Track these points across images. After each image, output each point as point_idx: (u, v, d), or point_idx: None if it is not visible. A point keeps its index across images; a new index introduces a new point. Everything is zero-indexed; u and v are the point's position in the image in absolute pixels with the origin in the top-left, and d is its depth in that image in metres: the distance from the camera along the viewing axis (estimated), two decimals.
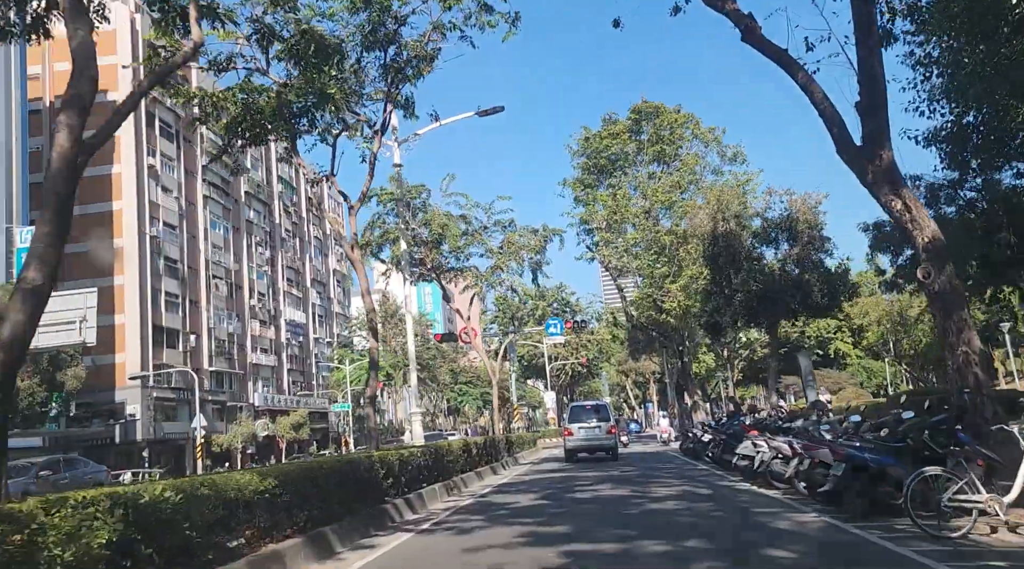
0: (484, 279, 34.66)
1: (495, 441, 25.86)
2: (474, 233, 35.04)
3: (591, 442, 30.13)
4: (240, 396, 69.42)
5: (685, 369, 43.71)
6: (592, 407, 31.29)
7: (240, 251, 72.18)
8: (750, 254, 27.12)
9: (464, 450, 20.00)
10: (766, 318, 26.07)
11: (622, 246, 39.51)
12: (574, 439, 30.16)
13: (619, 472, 21.28)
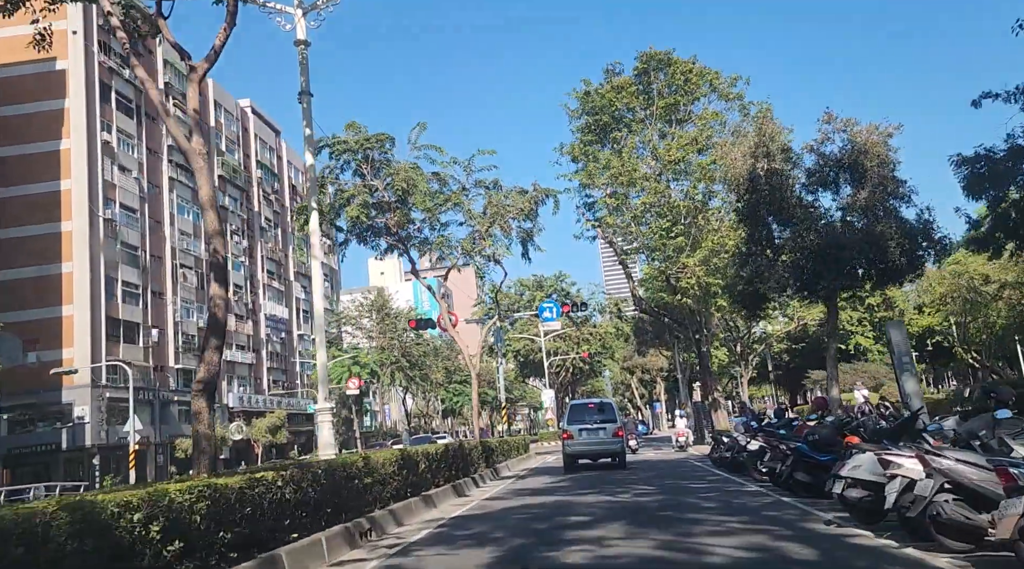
0: (462, 249, 27.78)
1: (464, 450, 18.98)
2: (450, 196, 28.22)
3: (594, 447, 23.68)
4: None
5: (703, 361, 36.82)
6: (596, 406, 24.63)
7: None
8: (801, 201, 20.23)
9: (403, 466, 13.15)
10: (825, 284, 19.17)
11: (629, 214, 32.70)
12: (574, 443, 23.60)
13: (632, 496, 14.40)
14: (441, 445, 16.84)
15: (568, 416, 24.33)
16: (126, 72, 55.56)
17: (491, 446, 23.43)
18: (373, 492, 11.56)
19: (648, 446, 40.52)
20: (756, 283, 20.75)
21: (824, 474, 11.93)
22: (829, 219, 20.02)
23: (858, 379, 51.56)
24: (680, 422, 33.25)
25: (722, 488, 15.03)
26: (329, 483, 9.77)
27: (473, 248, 27.51)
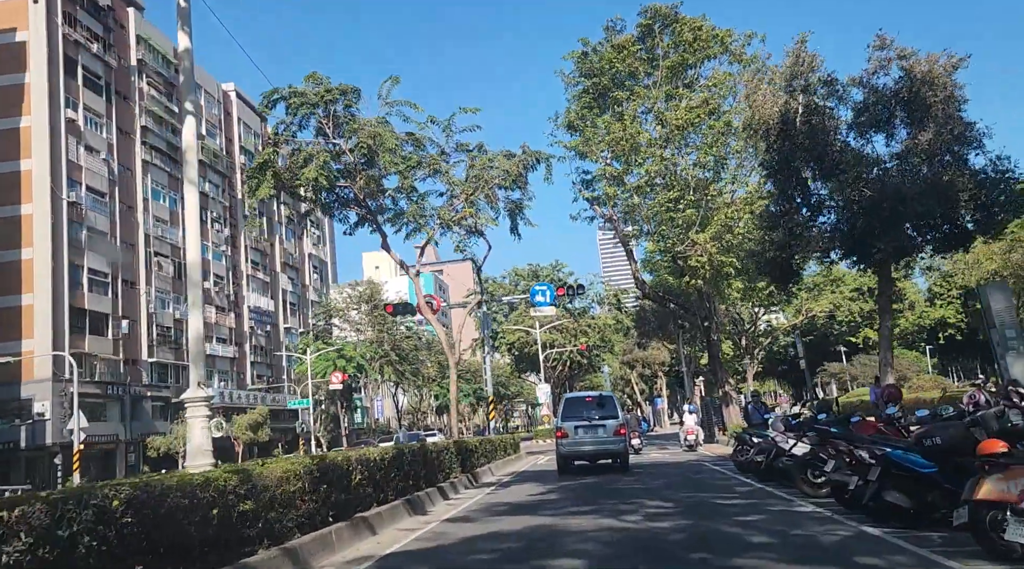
0: (439, 219, 23.76)
1: (427, 454, 14.99)
2: (427, 160, 24.22)
3: (592, 446, 19.95)
4: None
5: (713, 350, 32.82)
6: (595, 400, 20.73)
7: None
8: (848, 146, 16.23)
9: (320, 480, 9.17)
10: (880, 247, 15.17)
11: (631, 185, 28.69)
12: (569, 442, 19.86)
13: (644, 519, 10.38)
14: (388, 449, 12.82)
15: (563, 412, 20.38)
16: (94, 46, 51.51)
17: (469, 447, 19.43)
18: (259, 524, 7.56)
19: (651, 444, 36.53)
20: (790, 248, 16.77)
21: (930, 494, 7.98)
22: (882, 167, 15.99)
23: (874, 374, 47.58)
24: (689, 418, 29.25)
25: (765, 507, 11.03)
26: (152, 518, 5.78)
27: (452, 218, 23.49)
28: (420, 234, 24.45)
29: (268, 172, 22.47)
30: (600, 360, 70.05)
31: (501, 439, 26.08)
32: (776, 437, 13.37)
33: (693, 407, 30.27)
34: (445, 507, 13.97)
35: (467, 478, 18.52)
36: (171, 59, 60.87)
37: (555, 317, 57.24)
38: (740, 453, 16.61)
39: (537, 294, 30.15)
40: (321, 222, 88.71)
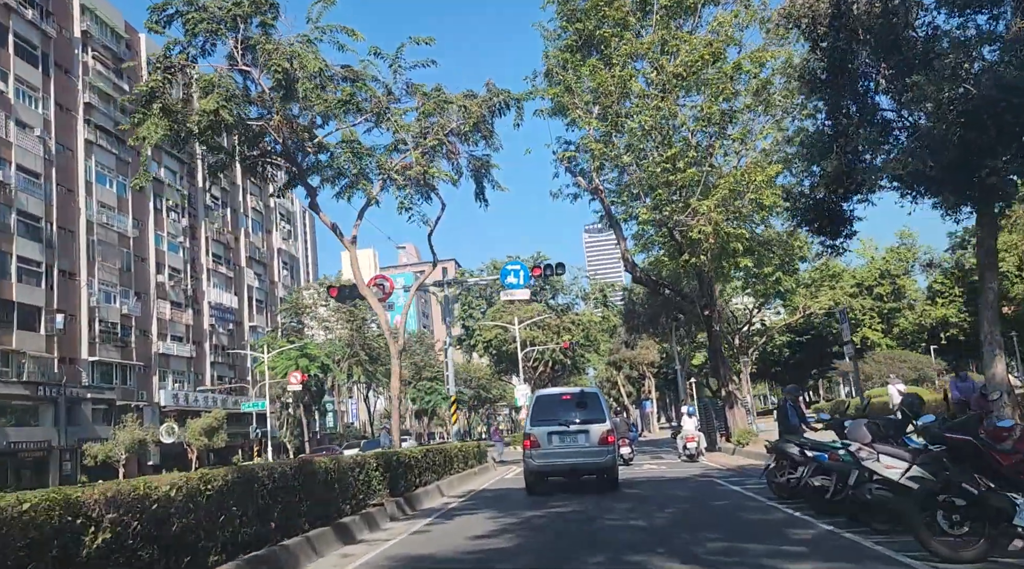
0: (380, 170, 18.52)
1: (314, 471, 9.66)
2: (372, 100, 19.01)
3: (571, 459, 14.79)
4: (139, 394, 52.99)
5: (715, 343, 27.71)
6: (574, 399, 15.47)
7: (144, 215, 55.85)
8: (936, 30, 11.16)
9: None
10: (990, 165, 10.13)
11: (622, 141, 23.54)
12: (542, 454, 14.79)
13: None
14: (225, 473, 7.54)
15: (533, 413, 15.20)
16: (29, 12, 46.01)
17: (403, 461, 14.16)
18: None
19: (642, 451, 31.39)
20: (846, 182, 11.71)
21: None
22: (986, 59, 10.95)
23: (891, 372, 42.62)
24: (688, 423, 24.10)
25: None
26: None
27: (394, 168, 18.27)
28: (360, 196, 19.28)
29: (156, 105, 17.24)
30: (585, 361, 64.87)
31: (462, 448, 20.82)
32: (861, 452, 8.23)
33: (692, 409, 25.12)
34: (333, 561, 8.73)
35: (400, 503, 13.29)
36: (121, 33, 55.43)
37: (537, 314, 52.06)
38: (779, 471, 11.48)
39: (509, 275, 24.98)
40: (293, 216, 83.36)
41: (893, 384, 33.42)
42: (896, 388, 32.29)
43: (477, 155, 21.91)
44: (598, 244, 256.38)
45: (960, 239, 71.59)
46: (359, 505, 11.49)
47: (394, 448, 16.19)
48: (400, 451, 14.61)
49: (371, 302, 19.05)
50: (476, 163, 21.80)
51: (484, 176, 22.40)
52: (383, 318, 19.19)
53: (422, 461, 15.76)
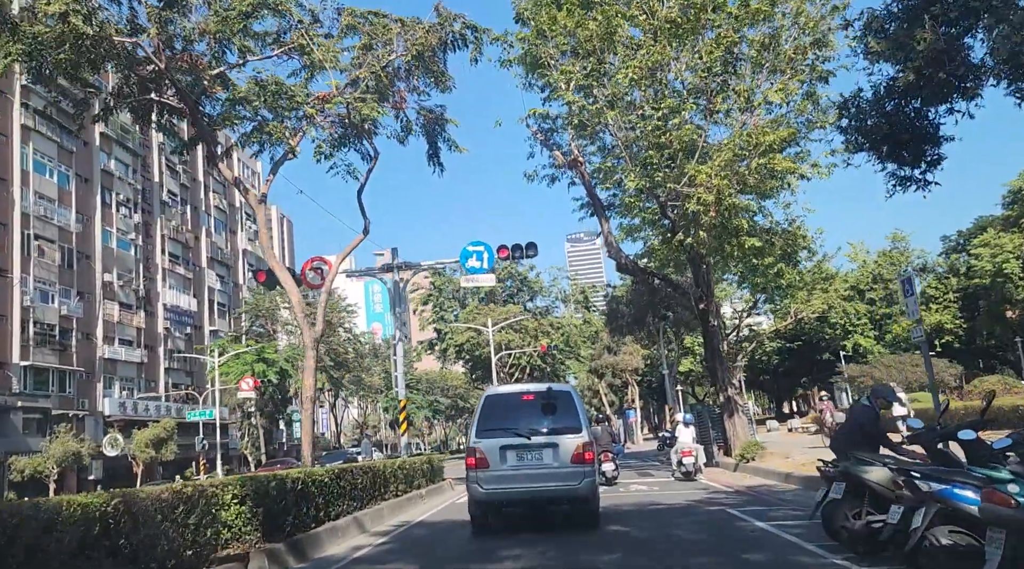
0: (295, 107, 14.26)
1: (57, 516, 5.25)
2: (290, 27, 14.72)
3: (534, 485, 10.32)
4: (79, 402, 48.03)
5: (712, 341, 23.45)
6: (537, 400, 11.00)
7: (90, 210, 51.06)
8: None
9: None
10: None
11: (606, 94, 19.29)
12: (492, 477, 10.34)
13: None
14: None
15: (480, 420, 10.82)
16: None
17: (290, 487, 9.71)
18: None
19: (627, 466, 26.99)
20: (947, 65, 7.55)
21: None
22: None
23: (891, 381, 38.56)
24: (685, 433, 19.79)
25: None
26: None
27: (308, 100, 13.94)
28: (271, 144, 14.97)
29: None
30: (565, 368, 60.52)
31: (402, 465, 16.40)
32: None
33: (689, 417, 20.79)
34: None
35: (278, 552, 8.87)
36: None
37: (513, 316, 47.71)
38: (850, 508, 7.22)
39: (471, 257, 20.66)
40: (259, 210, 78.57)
41: (896, 391, 29.35)
42: (898, 398, 28.13)
43: (429, 107, 17.70)
44: (581, 253, 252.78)
45: (954, 242, 68.39)
46: (203, 565, 7.10)
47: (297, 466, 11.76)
48: (291, 473, 10.19)
49: (280, 277, 14.69)
50: (428, 116, 17.57)
51: (438, 134, 18.21)
52: (295, 299, 14.82)
53: (331, 485, 11.35)
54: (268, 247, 14.59)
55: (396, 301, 20.98)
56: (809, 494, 13.87)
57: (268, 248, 14.61)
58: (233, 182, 15.01)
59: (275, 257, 14.76)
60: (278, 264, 14.68)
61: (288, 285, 14.53)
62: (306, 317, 14.42)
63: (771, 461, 19.97)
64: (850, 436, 8.20)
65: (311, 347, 13.72)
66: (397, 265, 21.01)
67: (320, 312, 15.43)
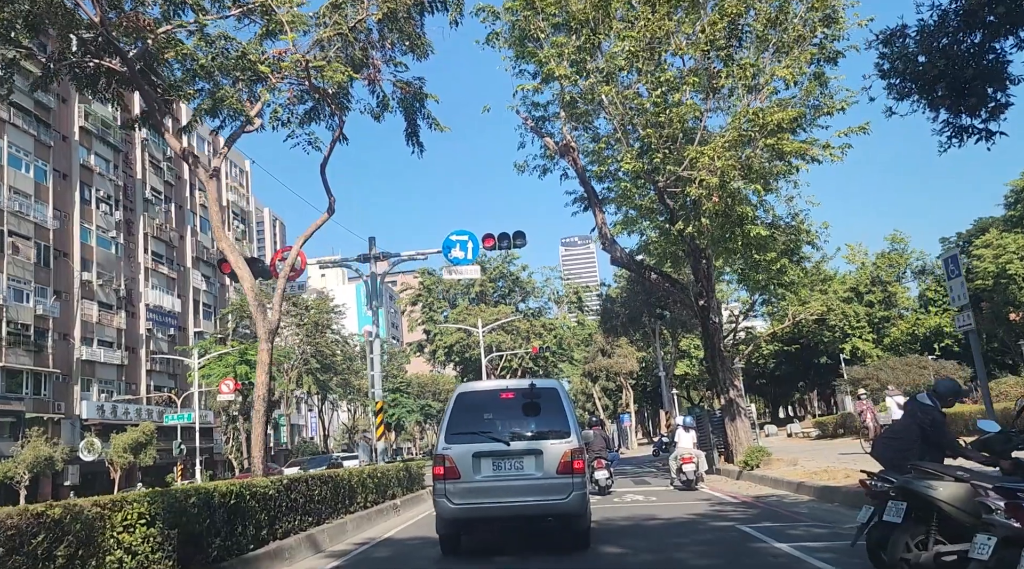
0: (264, 82, 12.60)
1: None
2: None
3: (513, 499, 8.57)
4: (55, 405, 46.15)
5: (713, 339, 21.77)
6: (518, 397, 9.28)
7: (68, 206, 49.27)
8: None
9: None
10: None
11: (601, 69, 17.60)
12: (464, 489, 8.59)
13: None
14: None
15: (451, 422, 9.13)
16: None
17: (219, 502, 8.00)
18: None
19: (622, 474, 25.34)
20: None
21: None
22: None
23: (891, 383, 37.02)
24: (686, 438, 18.15)
25: None
26: None
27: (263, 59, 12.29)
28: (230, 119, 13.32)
29: None
30: (558, 371, 58.85)
31: (375, 473, 14.70)
32: None
33: (690, 420, 19.10)
34: None
35: None
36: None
37: (504, 317, 46.05)
38: (911, 535, 5.60)
39: (454, 247, 19.04)
40: (249, 215, 76.91)
41: (891, 396, 27.66)
42: (895, 401, 26.46)
43: (406, 79, 16.06)
44: (575, 257, 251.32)
45: (953, 244, 67.00)
46: None
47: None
48: (220, 485, 8.47)
49: (231, 260, 13.01)
50: (405, 89, 15.92)
51: (417, 110, 16.58)
52: (247, 285, 13.12)
53: (278, 499, 9.65)
54: (219, 226, 12.93)
55: (373, 294, 19.32)
56: (826, 507, 12.25)
57: (219, 227, 12.95)
58: (181, 154, 13.37)
59: (227, 239, 13.12)
60: (230, 246, 13.03)
61: (240, 271, 12.85)
62: (260, 306, 12.78)
63: (778, 469, 18.34)
64: (902, 442, 6.56)
65: (265, 339, 12.09)
66: (374, 256, 19.36)
67: (277, 300, 13.77)
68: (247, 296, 13.03)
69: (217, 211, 12.91)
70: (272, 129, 13.50)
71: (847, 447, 26.01)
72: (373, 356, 19.07)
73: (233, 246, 13.16)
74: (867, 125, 16.90)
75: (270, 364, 12.34)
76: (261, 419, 12.31)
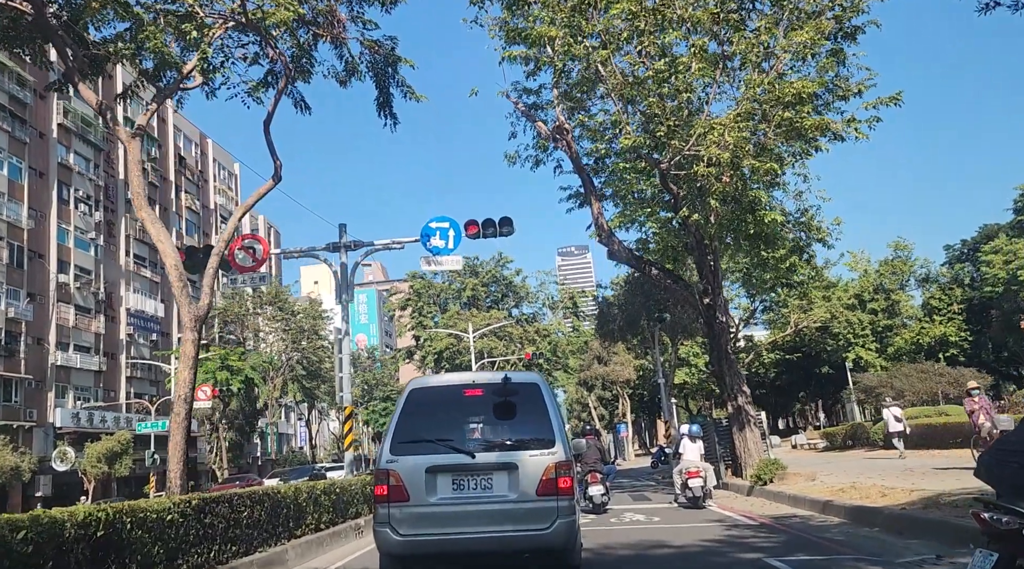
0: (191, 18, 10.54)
1: None
2: None
3: (479, 530, 6.28)
4: (26, 412, 43.80)
5: (720, 340, 19.59)
6: (490, 396, 7.06)
7: (44, 205, 47.11)
8: None
9: None
10: None
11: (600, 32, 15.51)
12: (416, 515, 6.30)
13: None
14: None
15: (398, 428, 6.99)
16: None
17: (59, 534, 5.90)
18: None
19: (619, 487, 23.18)
20: None
21: None
22: None
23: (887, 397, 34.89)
24: (692, 449, 16.02)
25: None
26: None
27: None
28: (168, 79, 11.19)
29: None
30: (552, 380, 56.60)
31: (333, 489, 12.51)
32: None
33: (697, 429, 16.92)
34: None
35: None
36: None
37: (496, 322, 43.88)
38: None
39: (433, 235, 16.91)
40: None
41: (888, 408, 25.64)
42: (892, 413, 24.62)
43: (376, 39, 14.01)
44: (572, 267, 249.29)
45: (958, 251, 65.02)
46: None
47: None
48: (82, 509, 6.27)
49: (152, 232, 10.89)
50: (375, 49, 13.85)
51: (389, 77, 14.53)
52: (170, 263, 10.97)
53: (181, 525, 7.44)
54: (140, 194, 10.85)
55: (343, 287, 17.18)
56: (864, 533, 10.05)
57: (140, 195, 10.86)
58: (96, 108, 11.31)
59: (147, 207, 11.02)
60: (151, 217, 10.94)
61: (163, 246, 10.73)
62: (185, 288, 10.65)
63: (795, 484, 16.17)
64: None
65: (191, 328, 9.98)
66: (345, 244, 17.24)
67: (207, 282, 11.64)
68: (170, 277, 10.89)
69: (139, 174, 10.84)
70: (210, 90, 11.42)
71: (856, 458, 23.93)
72: (342, 356, 16.91)
73: (155, 218, 11.08)
74: (899, 95, 14.83)
75: (196, 358, 10.24)
76: (181, 424, 10.14)
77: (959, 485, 12.04)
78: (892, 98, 14.98)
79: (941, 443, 24.54)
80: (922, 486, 12.59)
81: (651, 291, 29.00)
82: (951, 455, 21.57)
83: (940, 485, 12.52)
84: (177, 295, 10.80)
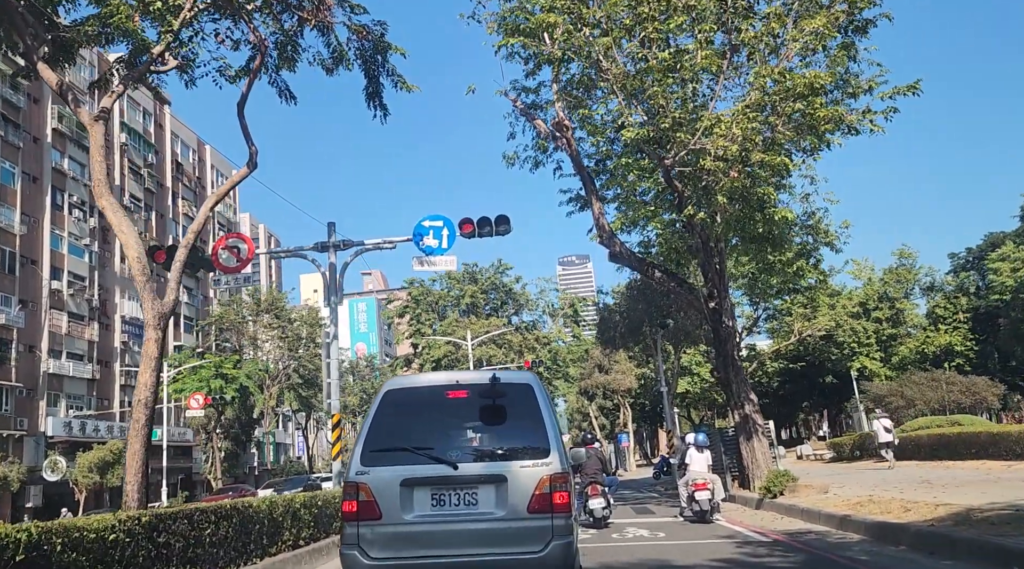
0: None
1: None
2: None
3: (457, 550, 5.37)
4: (17, 421, 42.89)
5: (727, 346, 18.71)
6: (475, 399, 6.16)
7: (37, 210, 46.37)
8: None
9: None
10: None
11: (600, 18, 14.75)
12: (388, 534, 5.45)
13: None
14: None
15: (370, 435, 6.12)
16: None
17: None
18: None
19: (621, 499, 22.18)
20: None
21: None
22: None
23: (877, 408, 33.99)
24: (699, 459, 15.11)
25: None
26: None
27: None
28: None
29: None
30: (552, 389, 55.64)
31: (314, 501, 11.62)
32: None
33: (703, 439, 16.00)
34: None
35: None
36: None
37: (495, 329, 43.00)
38: None
39: (426, 234, 16.08)
40: (236, 226, 74.03)
41: (879, 419, 24.97)
42: (882, 424, 24.17)
43: (364, 23, 13.24)
44: (572, 277, 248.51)
45: (963, 260, 64.15)
46: None
47: None
48: (25, 526, 5.41)
49: (113, 221, 10.07)
50: (363, 34, 13.08)
51: (379, 66, 13.74)
52: (132, 254, 10.12)
53: (128, 546, 6.56)
54: (101, 181, 10.05)
55: (332, 289, 16.34)
56: (890, 553, 9.08)
57: (101, 182, 10.06)
58: (58, 90, 10.53)
59: (108, 194, 10.21)
60: (111, 205, 10.11)
61: (124, 236, 9.91)
62: (148, 282, 9.83)
63: (807, 497, 15.25)
64: None
65: (153, 326, 9.15)
66: (334, 244, 16.42)
67: (174, 276, 10.80)
68: (132, 269, 10.05)
69: (100, 161, 10.04)
70: (189, 79, 10.65)
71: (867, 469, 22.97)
72: (329, 360, 16.04)
73: (116, 205, 10.25)
74: (918, 84, 13.99)
75: (159, 359, 9.39)
76: (140, 431, 9.25)
77: (986, 499, 11.15)
78: (911, 87, 14.14)
79: (954, 454, 23.61)
80: (946, 500, 11.67)
81: (653, 297, 28.13)
82: (967, 466, 20.64)
83: (965, 499, 11.63)
84: (140, 289, 9.98)
